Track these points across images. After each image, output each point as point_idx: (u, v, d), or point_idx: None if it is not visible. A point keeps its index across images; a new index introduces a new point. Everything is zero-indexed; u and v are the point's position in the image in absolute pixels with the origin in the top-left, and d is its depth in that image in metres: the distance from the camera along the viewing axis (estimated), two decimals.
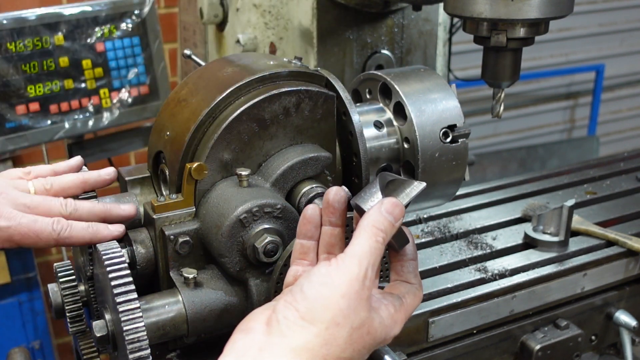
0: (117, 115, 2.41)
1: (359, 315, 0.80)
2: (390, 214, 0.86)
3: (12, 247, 1.02)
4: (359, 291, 0.80)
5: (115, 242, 0.97)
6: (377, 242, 0.83)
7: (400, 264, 0.93)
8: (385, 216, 0.85)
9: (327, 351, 0.78)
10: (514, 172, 4.64)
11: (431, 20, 1.89)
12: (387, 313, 0.85)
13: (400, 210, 0.87)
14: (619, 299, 1.53)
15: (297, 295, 0.81)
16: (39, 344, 2.92)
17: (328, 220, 0.91)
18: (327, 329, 0.78)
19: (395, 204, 0.87)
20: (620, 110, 5.57)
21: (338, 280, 0.80)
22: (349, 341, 0.80)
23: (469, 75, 4.03)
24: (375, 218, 0.85)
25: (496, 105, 1.29)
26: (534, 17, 1.12)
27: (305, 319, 0.79)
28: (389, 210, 0.86)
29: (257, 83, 1.08)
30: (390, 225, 0.85)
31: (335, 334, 0.79)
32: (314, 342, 0.78)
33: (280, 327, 0.79)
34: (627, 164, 2.02)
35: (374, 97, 1.23)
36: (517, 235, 1.58)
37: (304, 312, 0.79)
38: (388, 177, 0.92)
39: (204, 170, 1.01)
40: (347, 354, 0.80)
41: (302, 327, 0.78)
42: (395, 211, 0.86)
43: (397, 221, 0.86)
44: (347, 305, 0.79)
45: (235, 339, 0.81)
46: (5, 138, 2.23)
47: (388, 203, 0.86)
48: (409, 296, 0.90)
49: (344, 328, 0.79)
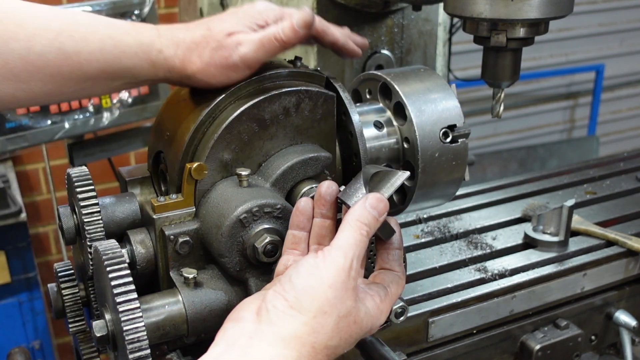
0: (117, 115, 2.42)
1: (346, 305, 0.83)
2: (374, 209, 0.89)
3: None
4: (345, 281, 0.83)
5: (115, 242, 0.97)
6: (361, 234, 0.87)
7: (386, 252, 0.96)
8: (370, 211, 0.89)
9: (315, 339, 0.81)
10: (514, 172, 4.64)
11: (431, 20, 1.89)
12: (372, 303, 0.89)
13: (384, 205, 0.90)
14: (618, 299, 1.53)
15: (285, 285, 0.84)
16: (39, 344, 2.92)
17: (319, 213, 0.95)
18: (315, 317, 0.81)
19: (379, 199, 0.90)
20: (620, 110, 5.57)
21: (325, 271, 0.83)
22: (336, 329, 0.83)
23: (469, 75, 4.03)
24: (360, 213, 0.88)
25: (496, 105, 1.29)
26: (534, 17, 1.12)
27: (294, 307, 0.82)
28: (373, 205, 0.89)
29: (257, 83, 1.08)
30: (374, 220, 0.89)
31: (323, 323, 0.82)
32: (302, 330, 0.81)
33: (270, 316, 0.82)
34: (627, 164, 2.02)
35: (374, 97, 1.23)
36: (517, 235, 1.58)
37: (293, 301, 0.82)
38: (372, 170, 0.95)
39: (204, 170, 1.01)
40: (335, 342, 0.83)
41: (291, 316, 0.81)
42: (380, 206, 0.90)
43: (381, 215, 0.90)
44: (334, 294, 0.82)
45: (226, 328, 0.84)
46: (5, 138, 2.23)
47: (372, 198, 0.90)
48: (393, 285, 0.94)
49: (331, 316, 0.82)
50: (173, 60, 1.03)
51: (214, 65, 1.02)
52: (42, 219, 3.41)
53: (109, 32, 1.02)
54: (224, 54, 1.01)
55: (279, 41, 1.03)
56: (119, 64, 1.02)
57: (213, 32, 1.03)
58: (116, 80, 1.05)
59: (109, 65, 1.02)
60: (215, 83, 1.04)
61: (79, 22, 1.01)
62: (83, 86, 1.04)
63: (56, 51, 0.98)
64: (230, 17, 1.05)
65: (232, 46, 1.02)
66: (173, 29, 1.05)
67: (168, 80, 1.07)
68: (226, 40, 1.02)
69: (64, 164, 3.25)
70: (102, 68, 1.02)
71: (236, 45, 1.02)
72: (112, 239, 0.98)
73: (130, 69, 1.03)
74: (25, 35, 0.97)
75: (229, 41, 1.02)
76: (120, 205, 1.10)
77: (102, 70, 1.03)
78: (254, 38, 1.03)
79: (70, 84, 1.02)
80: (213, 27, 1.04)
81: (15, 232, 2.72)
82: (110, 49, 1.01)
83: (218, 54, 1.02)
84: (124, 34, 1.02)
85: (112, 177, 3.05)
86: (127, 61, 1.02)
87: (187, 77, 1.05)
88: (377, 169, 0.96)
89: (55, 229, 3.43)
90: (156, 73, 1.05)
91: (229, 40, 1.02)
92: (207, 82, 1.04)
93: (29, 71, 0.99)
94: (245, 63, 1.03)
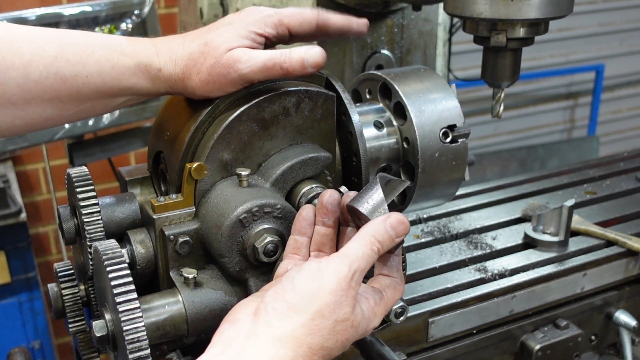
0: (117, 115, 2.42)
1: (344, 311, 0.84)
2: (393, 229, 0.88)
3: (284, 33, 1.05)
4: (346, 289, 0.84)
5: (115, 242, 0.97)
6: (371, 250, 0.86)
7: (385, 258, 0.96)
8: (388, 230, 0.88)
9: (312, 340, 0.82)
10: (514, 172, 4.64)
11: (431, 20, 1.89)
12: (367, 305, 0.89)
13: (405, 228, 0.89)
14: (618, 299, 1.53)
15: (287, 286, 0.85)
16: (39, 344, 2.92)
17: (321, 221, 0.95)
18: (313, 319, 0.82)
19: (401, 221, 0.89)
20: (620, 110, 5.57)
21: (327, 277, 0.84)
22: (333, 332, 0.83)
23: (469, 75, 4.03)
24: (377, 229, 0.87)
25: (496, 105, 1.29)
26: (534, 17, 1.12)
27: (293, 309, 0.82)
28: (393, 225, 0.88)
29: (257, 83, 1.08)
30: (389, 239, 0.88)
31: (320, 325, 0.82)
32: (299, 332, 0.81)
33: (268, 317, 0.82)
34: (627, 164, 2.02)
35: (373, 97, 1.23)
36: (517, 235, 1.58)
37: (292, 303, 0.83)
38: (384, 180, 0.93)
39: (204, 170, 1.01)
40: (331, 344, 0.84)
41: (289, 317, 0.82)
42: (400, 228, 0.89)
43: (398, 237, 0.89)
44: (334, 301, 0.83)
45: (223, 329, 0.85)
46: (5, 138, 2.23)
47: (395, 219, 0.88)
48: (389, 290, 0.93)
49: (329, 320, 0.83)
50: (172, 78, 1.03)
51: (212, 82, 1.01)
52: (42, 219, 3.41)
53: (105, 54, 1.01)
54: (222, 71, 1.00)
55: (284, 70, 1.02)
56: (117, 85, 1.02)
57: (210, 48, 1.01)
58: (116, 99, 1.05)
59: (107, 87, 1.02)
60: (214, 97, 1.05)
61: (75, 45, 1.00)
62: (82, 108, 1.03)
63: (53, 76, 0.98)
64: (226, 30, 1.03)
65: (230, 64, 1.00)
66: (170, 44, 1.04)
67: (168, 93, 1.07)
68: (224, 57, 1.00)
69: (64, 164, 3.25)
70: (101, 90, 1.02)
71: (235, 62, 1.00)
72: (112, 239, 0.98)
73: (130, 87, 1.03)
74: (21, 63, 0.96)
75: (227, 58, 1.00)
76: (120, 205, 1.10)
77: (100, 92, 1.02)
78: (257, 58, 1.01)
79: (69, 108, 1.02)
80: (210, 42, 1.02)
81: (15, 232, 2.72)
82: (108, 71, 1.00)
83: (216, 72, 1.00)
84: (121, 55, 1.01)
85: (112, 177, 3.05)
86: (125, 82, 1.02)
87: (187, 92, 1.05)
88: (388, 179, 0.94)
89: (55, 229, 3.43)
90: (157, 89, 1.05)
91: (227, 57, 1.00)
92: (207, 96, 1.04)
93: (27, 98, 0.98)
94: (244, 80, 1.02)
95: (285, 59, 1.01)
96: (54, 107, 1.01)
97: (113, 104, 1.06)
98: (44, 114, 1.01)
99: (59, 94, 0.99)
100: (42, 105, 1.00)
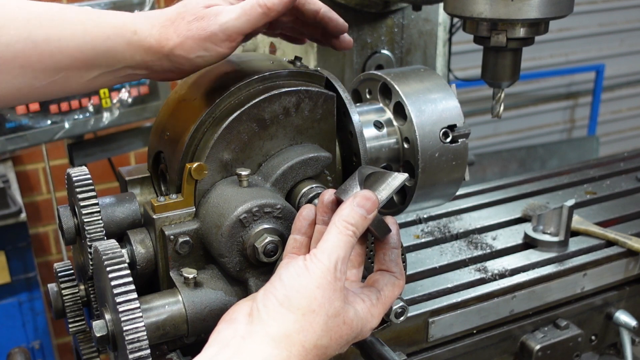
0: (117, 115, 2.42)
1: (334, 305, 0.84)
2: (362, 207, 0.88)
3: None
4: (331, 282, 0.84)
5: (115, 242, 0.97)
6: (347, 235, 0.87)
7: (383, 252, 0.96)
8: (357, 210, 0.88)
9: (304, 337, 0.82)
10: (514, 172, 4.65)
11: (431, 20, 1.89)
12: (362, 306, 0.89)
13: (373, 202, 0.89)
14: (618, 299, 1.53)
15: (276, 283, 0.85)
16: (39, 344, 2.93)
17: (321, 220, 0.95)
18: (304, 315, 0.82)
19: (367, 197, 0.89)
20: (620, 110, 5.57)
21: (312, 272, 0.84)
22: (325, 328, 0.84)
23: (469, 75, 4.03)
24: (346, 212, 0.88)
25: (496, 105, 1.29)
26: (534, 17, 1.12)
27: (284, 305, 0.83)
28: (360, 204, 0.88)
29: (257, 83, 1.08)
30: (361, 218, 0.88)
31: (312, 321, 0.83)
32: (292, 329, 0.82)
33: (261, 315, 0.83)
34: (627, 164, 2.02)
35: (374, 97, 1.23)
36: (517, 235, 1.58)
37: (282, 299, 0.83)
38: (367, 170, 0.95)
39: (204, 170, 1.01)
40: (324, 342, 0.84)
41: (281, 314, 0.83)
42: (367, 204, 0.89)
43: (369, 213, 0.89)
44: (322, 294, 0.83)
45: (220, 329, 0.86)
46: (5, 138, 2.24)
47: (360, 196, 0.89)
48: (387, 288, 0.93)
49: (320, 315, 0.83)
50: (149, 40, 0.99)
51: (191, 37, 0.97)
52: (42, 219, 3.41)
53: (80, 18, 0.98)
54: (202, 24, 0.97)
55: (262, 7, 0.97)
56: (92, 50, 0.98)
57: (188, 7, 0.99)
58: (91, 69, 1.00)
59: (81, 52, 0.97)
60: (194, 58, 0.99)
61: (48, 11, 0.97)
62: (55, 78, 0.99)
63: (24, 40, 0.94)
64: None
65: (209, 16, 0.97)
66: (147, 12, 1.02)
67: (146, 65, 1.02)
68: (203, 11, 0.98)
69: (64, 164, 3.25)
70: (74, 56, 0.97)
71: (215, 15, 0.97)
72: (112, 239, 0.98)
73: (104, 53, 0.98)
74: None
75: (206, 11, 0.98)
76: (120, 205, 1.10)
77: (74, 58, 0.98)
78: (235, 7, 0.98)
79: (41, 77, 0.98)
80: (188, 3, 0.99)
81: (15, 232, 2.72)
82: (81, 34, 0.97)
83: (195, 25, 0.97)
84: (96, 18, 0.98)
85: (112, 177, 3.05)
86: (100, 45, 0.98)
87: (165, 57, 1.00)
88: (372, 170, 0.96)
89: (55, 229, 3.43)
90: (133, 56, 1.00)
91: (206, 11, 0.98)
92: (186, 57, 0.99)
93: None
94: (225, 32, 0.97)
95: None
96: (25, 75, 0.97)
97: (88, 76, 1.01)
98: (14, 81, 0.97)
99: (30, 59, 0.95)
100: (12, 73, 0.96)
